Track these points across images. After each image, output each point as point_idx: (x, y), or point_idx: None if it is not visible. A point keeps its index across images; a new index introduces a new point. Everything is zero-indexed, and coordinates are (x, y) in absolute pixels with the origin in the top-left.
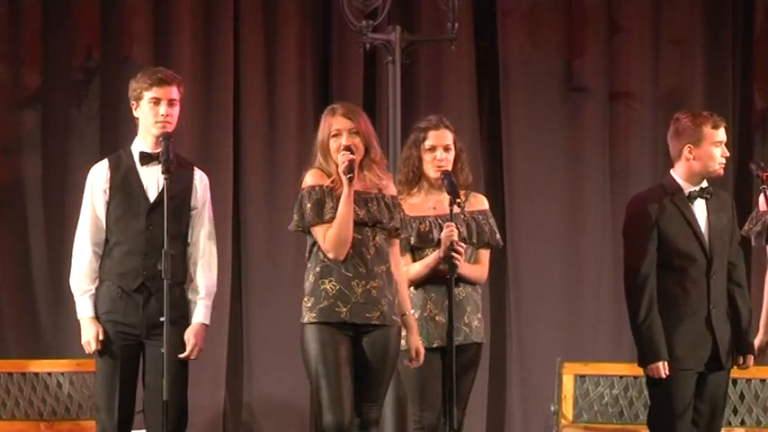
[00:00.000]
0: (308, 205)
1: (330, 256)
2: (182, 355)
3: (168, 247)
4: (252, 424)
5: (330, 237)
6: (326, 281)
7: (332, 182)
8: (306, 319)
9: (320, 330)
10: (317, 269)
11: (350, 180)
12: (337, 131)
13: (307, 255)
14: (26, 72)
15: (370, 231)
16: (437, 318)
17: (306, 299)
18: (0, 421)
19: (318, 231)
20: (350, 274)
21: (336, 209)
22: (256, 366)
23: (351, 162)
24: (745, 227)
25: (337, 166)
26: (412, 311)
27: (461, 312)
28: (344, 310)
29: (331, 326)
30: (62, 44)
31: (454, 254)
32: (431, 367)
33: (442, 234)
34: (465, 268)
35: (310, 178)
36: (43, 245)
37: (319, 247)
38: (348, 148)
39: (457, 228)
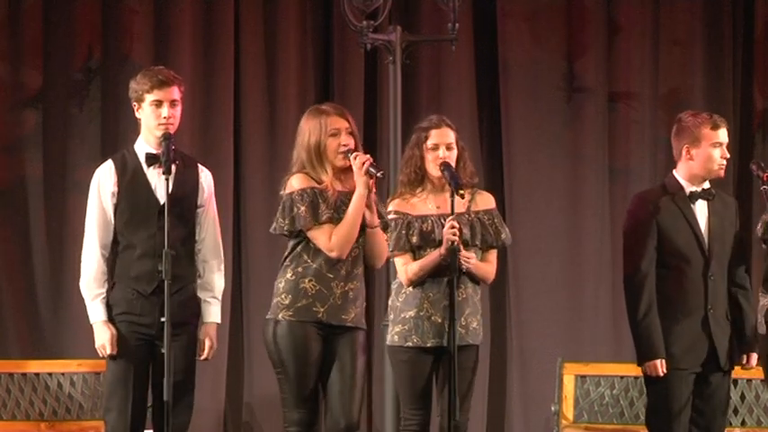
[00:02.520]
0: (303, 208)
1: (333, 255)
2: (201, 357)
3: (179, 247)
4: (252, 424)
5: (339, 237)
6: (306, 280)
7: (325, 185)
8: (280, 316)
9: (295, 327)
10: (299, 269)
11: (382, 177)
12: (336, 131)
13: (286, 255)
14: (27, 72)
15: None
16: (433, 317)
17: (282, 296)
18: (1, 421)
19: (317, 233)
20: (331, 276)
21: (330, 211)
22: (256, 366)
23: (371, 162)
24: (759, 230)
25: (333, 166)
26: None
27: (459, 313)
28: (321, 310)
29: (305, 324)
30: (63, 44)
31: (464, 257)
32: (422, 367)
33: (444, 230)
34: (473, 266)
35: (297, 182)
36: (44, 244)
37: (303, 250)
38: (351, 150)
39: (459, 225)
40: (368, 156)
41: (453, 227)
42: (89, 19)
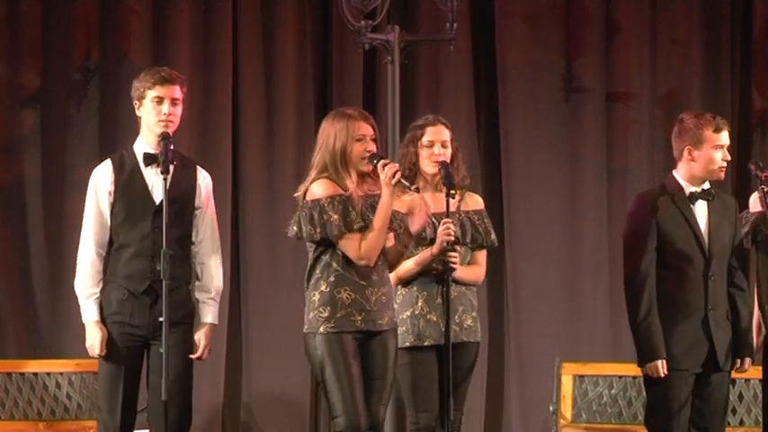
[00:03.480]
0: (335, 216)
1: (362, 263)
2: (193, 356)
3: (174, 247)
4: (251, 424)
5: (369, 245)
6: (342, 290)
7: (350, 192)
8: (322, 329)
9: (338, 339)
10: (332, 279)
11: (409, 188)
12: (362, 136)
13: (312, 263)
14: (26, 71)
15: None
16: (428, 316)
17: (321, 308)
18: None
19: (347, 242)
20: (364, 283)
21: (360, 219)
22: (255, 366)
23: (399, 171)
24: (747, 229)
25: (357, 171)
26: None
27: (453, 311)
28: (359, 318)
29: (344, 334)
30: (61, 44)
31: (450, 256)
32: (424, 367)
33: (439, 230)
34: (461, 271)
35: (322, 188)
36: (42, 244)
37: (332, 258)
38: (379, 156)
39: (454, 227)
40: (396, 165)
41: (449, 228)
42: (88, 19)
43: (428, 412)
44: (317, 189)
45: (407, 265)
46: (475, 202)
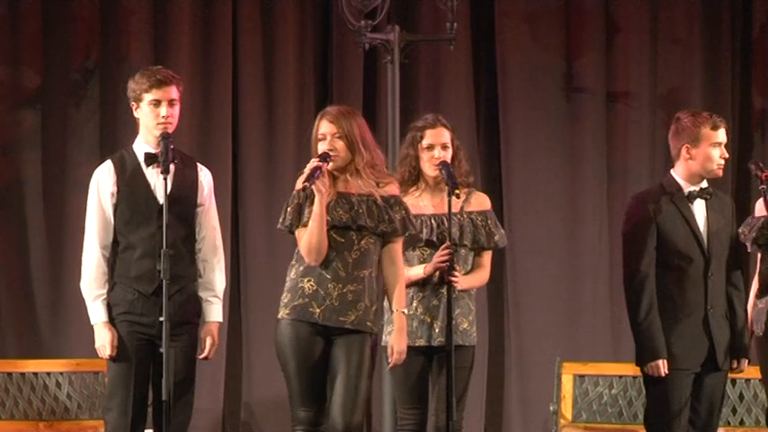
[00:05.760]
0: (289, 209)
1: (307, 260)
2: (201, 356)
3: (179, 246)
4: (251, 424)
5: (303, 244)
6: (306, 280)
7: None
8: (280, 315)
9: (293, 326)
10: (301, 268)
11: (304, 189)
12: (322, 136)
13: (296, 252)
14: (26, 72)
15: (354, 235)
16: (422, 317)
17: (284, 294)
18: None
19: (298, 235)
20: (329, 276)
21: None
22: (256, 366)
23: (312, 171)
24: (741, 229)
25: (328, 171)
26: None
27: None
28: (318, 311)
29: (304, 324)
30: (61, 44)
31: (452, 275)
32: (414, 366)
33: (436, 255)
34: (464, 282)
35: (300, 181)
36: (43, 244)
37: None
38: (325, 155)
39: (451, 256)
40: (315, 165)
41: (445, 255)
42: (87, 19)
43: (417, 409)
44: (298, 182)
45: (414, 272)
46: (480, 202)
